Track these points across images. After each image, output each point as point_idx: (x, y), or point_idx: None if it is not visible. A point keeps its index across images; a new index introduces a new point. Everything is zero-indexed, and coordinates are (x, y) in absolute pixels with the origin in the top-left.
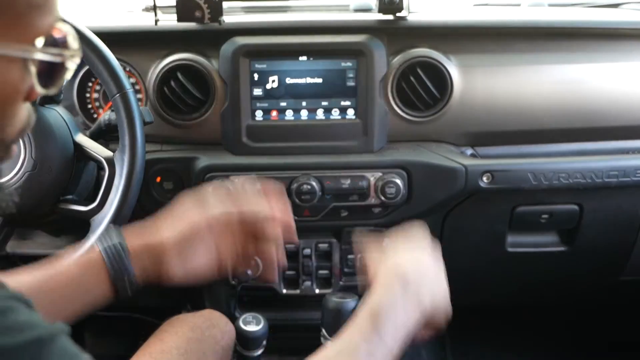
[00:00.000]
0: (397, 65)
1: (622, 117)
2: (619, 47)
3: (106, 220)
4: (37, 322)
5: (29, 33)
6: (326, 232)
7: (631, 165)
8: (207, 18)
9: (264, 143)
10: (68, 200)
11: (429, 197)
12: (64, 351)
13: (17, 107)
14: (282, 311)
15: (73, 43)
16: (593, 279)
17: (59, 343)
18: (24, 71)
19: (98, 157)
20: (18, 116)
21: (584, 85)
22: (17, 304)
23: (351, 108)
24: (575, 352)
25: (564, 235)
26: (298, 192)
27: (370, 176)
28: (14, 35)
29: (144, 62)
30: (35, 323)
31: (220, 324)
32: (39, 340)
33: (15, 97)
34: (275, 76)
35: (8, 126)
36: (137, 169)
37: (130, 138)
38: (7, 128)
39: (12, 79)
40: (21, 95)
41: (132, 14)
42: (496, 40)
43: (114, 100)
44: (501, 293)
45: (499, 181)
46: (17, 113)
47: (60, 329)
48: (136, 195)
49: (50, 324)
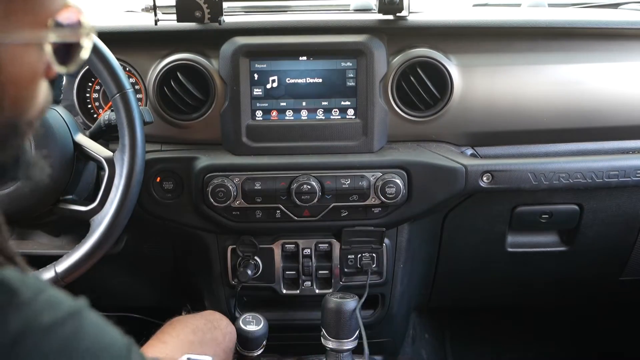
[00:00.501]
0: (397, 65)
1: (621, 117)
2: (618, 47)
3: (106, 220)
4: (67, 298)
5: (42, 15)
6: (326, 232)
7: (631, 165)
8: (207, 18)
9: (264, 143)
10: (68, 200)
11: (429, 197)
12: (96, 320)
13: (36, 87)
14: (282, 311)
15: (86, 20)
16: (593, 279)
17: (89, 313)
18: (40, 52)
19: (98, 157)
20: (38, 96)
21: (583, 85)
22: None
23: (351, 108)
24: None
25: (564, 235)
26: (298, 192)
27: (370, 176)
28: (28, 20)
29: (144, 62)
30: (66, 298)
31: (221, 326)
32: (75, 311)
33: (34, 78)
34: (275, 76)
35: (30, 107)
36: (137, 169)
37: (130, 138)
38: (29, 109)
39: (29, 62)
40: (40, 75)
41: (132, 14)
42: (496, 40)
43: (114, 100)
44: (501, 293)
45: (499, 181)
46: (37, 93)
47: (85, 302)
48: (136, 195)
49: (76, 299)
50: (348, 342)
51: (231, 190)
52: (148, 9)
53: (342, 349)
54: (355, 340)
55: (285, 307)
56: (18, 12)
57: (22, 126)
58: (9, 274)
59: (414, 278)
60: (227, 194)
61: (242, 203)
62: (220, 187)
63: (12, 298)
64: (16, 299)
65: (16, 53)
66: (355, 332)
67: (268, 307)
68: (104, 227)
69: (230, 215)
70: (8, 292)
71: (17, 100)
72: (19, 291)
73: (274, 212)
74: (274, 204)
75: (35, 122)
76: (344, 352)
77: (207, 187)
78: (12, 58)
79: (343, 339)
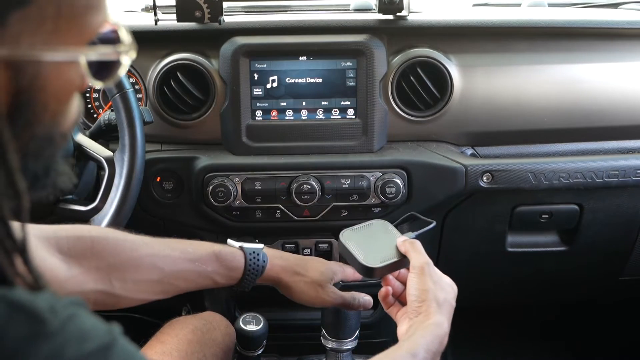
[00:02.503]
0: (397, 65)
1: (622, 117)
2: (618, 47)
3: (106, 220)
4: (99, 327)
5: (84, 34)
6: (326, 232)
7: (631, 165)
8: (207, 18)
9: (264, 143)
10: (68, 200)
11: (429, 197)
12: (126, 352)
13: (72, 101)
14: (282, 311)
15: (126, 37)
16: (593, 279)
17: (119, 345)
18: (79, 67)
19: (98, 157)
20: (73, 109)
21: (583, 85)
22: (80, 310)
23: (351, 108)
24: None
25: (564, 235)
26: (298, 192)
27: (370, 176)
28: (72, 37)
29: (144, 62)
30: (97, 328)
31: (220, 327)
32: (104, 346)
33: (72, 92)
34: (275, 76)
35: (65, 119)
36: (137, 169)
37: (130, 138)
38: (64, 121)
39: (70, 78)
40: (76, 90)
41: (132, 14)
42: (496, 40)
43: (113, 100)
44: (501, 293)
45: (499, 181)
46: (72, 106)
47: (118, 330)
48: (136, 195)
49: (108, 327)
50: (348, 342)
51: (231, 190)
52: (148, 9)
53: (342, 349)
54: (355, 340)
55: (285, 307)
56: (64, 30)
57: (57, 138)
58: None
59: None
60: (227, 194)
61: (242, 203)
62: (220, 187)
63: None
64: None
65: (60, 70)
66: (355, 332)
67: (268, 307)
68: (104, 227)
69: (230, 215)
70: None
71: (55, 113)
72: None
73: (274, 212)
74: (274, 204)
75: (68, 133)
76: (344, 352)
77: (207, 187)
78: (56, 75)
79: (343, 339)
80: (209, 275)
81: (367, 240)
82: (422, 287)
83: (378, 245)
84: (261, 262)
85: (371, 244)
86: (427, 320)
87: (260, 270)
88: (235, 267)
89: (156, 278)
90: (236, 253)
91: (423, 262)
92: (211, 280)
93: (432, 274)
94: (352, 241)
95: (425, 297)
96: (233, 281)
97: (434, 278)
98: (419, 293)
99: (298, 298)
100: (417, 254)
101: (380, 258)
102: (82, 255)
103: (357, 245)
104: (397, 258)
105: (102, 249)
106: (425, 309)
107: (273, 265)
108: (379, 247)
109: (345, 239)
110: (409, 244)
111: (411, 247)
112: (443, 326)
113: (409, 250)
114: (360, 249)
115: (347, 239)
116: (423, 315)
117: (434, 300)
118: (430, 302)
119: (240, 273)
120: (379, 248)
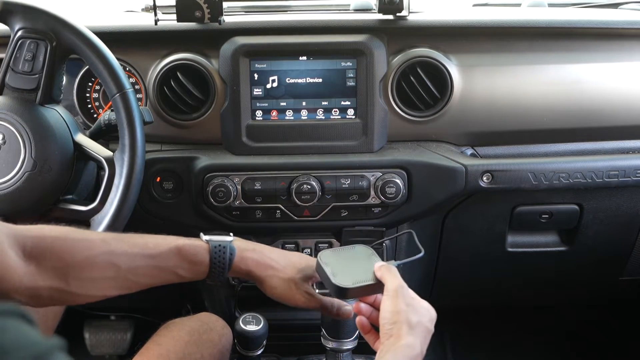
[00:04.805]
0: (397, 65)
1: (622, 117)
2: (618, 47)
3: (106, 220)
4: (35, 339)
5: None
6: (326, 232)
7: (631, 165)
8: (207, 18)
9: (264, 143)
10: (68, 200)
11: (429, 197)
12: None
13: None
14: (282, 311)
15: None
16: (593, 279)
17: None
18: None
19: (98, 157)
20: None
21: (583, 85)
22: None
23: (351, 108)
24: (575, 351)
25: (564, 235)
26: (298, 192)
27: (370, 176)
28: None
29: (144, 62)
30: (32, 340)
31: (217, 327)
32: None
33: None
34: (275, 76)
35: None
36: (137, 169)
37: (130, 138)
38: None
39: None
40: None
41: (132, 14)
42: (496, 40)
43: (114, 100)
44: (501, 293)
45: (499, 181)
46: None
47: (57, 344)
48: (136, 195)
49: (46, 340)
50: (348, 342)
51: (231, 190)
52: (148, 9)
53: (342, 349)
54: (355, 340)
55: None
56: None
57: None
58: None
59: (414, 278)
60: (227, 194)
61: (242, 203)
62: (220, 187)
63: None
64: None
65: None
66: (355, 332)
67: (268, 307)
68: (104, 227)
69: (230, 215)
70: None
71: None
72: None
73: (274, 212)
74: (274, 204)
75: None
76: (344, 352)
77: (207, 187)
78: None
79: (343, 339)
80: (172, 270)
81: (345, 262)
82: (394, 309)
83: (354, 268)
84: (227, 255)
85: (348, 265)
86: (397, 342)
87: (228, 264)
88: (200, 261)
89: (112, 275)
90: (200, 247)
91: (397, 284)
92: (175, 275)
93: (406, 296)
94: (330, 261)
95: (396, 319)
96: (201, 275)
97: (407, 300)
98: (390, 315)
99: (270, 293)
100: (392, 277)
101: (353, 280)
102: (42, 254)
103: (333, 266)
104: (371, 282)
105: (59, 248)
106: (396, 331)
107: (244, 259)
108: (355, 269)
109: (323, 258)
110: (385, 268)
111: (387, 272)
112: (415, 348)
113: (385, 274)
114: (336, 270)
115: (325, 258)
116: (394, 338)
117: (406, 323)
118: (401, 324)
119: (206, 267)
120: (355, 271)
